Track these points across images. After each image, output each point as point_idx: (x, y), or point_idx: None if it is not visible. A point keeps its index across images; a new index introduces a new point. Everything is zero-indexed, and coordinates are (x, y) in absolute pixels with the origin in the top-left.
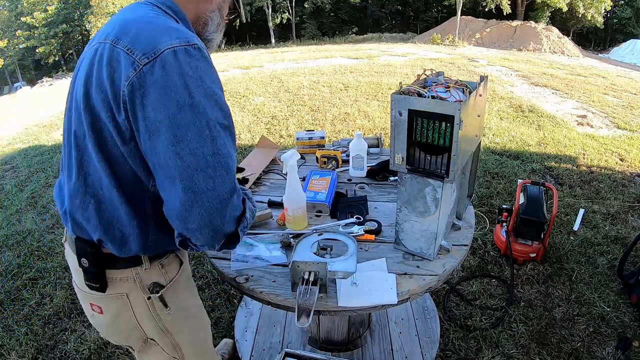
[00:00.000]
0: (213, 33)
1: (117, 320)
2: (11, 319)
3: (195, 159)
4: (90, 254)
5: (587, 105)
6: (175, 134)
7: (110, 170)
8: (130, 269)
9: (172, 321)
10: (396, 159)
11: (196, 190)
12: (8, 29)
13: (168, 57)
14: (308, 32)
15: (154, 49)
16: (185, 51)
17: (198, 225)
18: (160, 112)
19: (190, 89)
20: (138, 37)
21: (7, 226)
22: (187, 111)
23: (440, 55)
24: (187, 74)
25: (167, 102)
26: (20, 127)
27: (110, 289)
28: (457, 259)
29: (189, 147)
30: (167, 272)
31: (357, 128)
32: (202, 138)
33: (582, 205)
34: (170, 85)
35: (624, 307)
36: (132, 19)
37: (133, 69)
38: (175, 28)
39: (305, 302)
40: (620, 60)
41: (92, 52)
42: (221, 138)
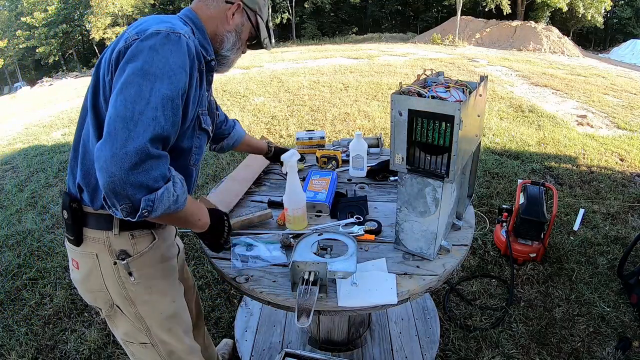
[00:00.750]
0: (228, 51)
1: (88, 278)
2: (11, 319)
3: (124, 111)
4: (70, 208)
5: (587, 105)
6: (122, 87)
7: (96, 122)
8: (102, 232)
9: (135, 292)
10: (396, 159)
11: (113, 135)
12: (8, 29)
13: (150, 35)
14: (308, 32)
15: (144, 31)
16: (166, 35)
17: (102, 164)
18: (123, 70)
19: (153, 61)
20: (139, 26)
21: (7, 226)
22: (139, 74)
23: (440, 55)
24: (156, 50)
25: (131, 64)
26: (20, 127)
27: (84, 247)
28: (457, 259)
29: (125, 100)
30: (136, 244)
31: (357, 128)
32: (139, 97)
33: (582, 205)
34: (139, 54)
35: (624, 307)
36: (147, 18)
37: (124, 41)
38: (170, 21)
39: (305, 302)
40: (620, 60)
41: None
42: (155, 104)
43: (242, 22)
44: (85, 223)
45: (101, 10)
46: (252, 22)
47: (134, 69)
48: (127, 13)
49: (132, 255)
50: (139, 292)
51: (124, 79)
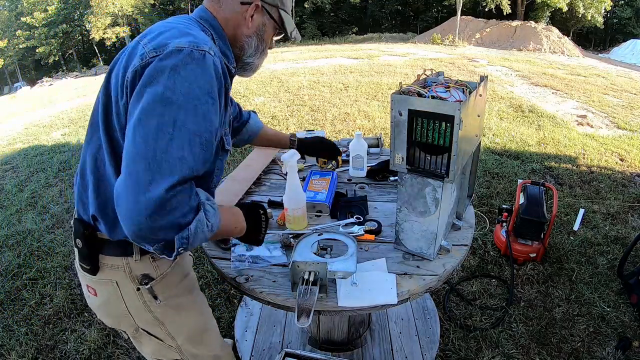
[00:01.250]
0: (251, 57)
1: (108, 305)
2: (11, 319)
3: (146, 148)
4: (85, 236)
5: (587, 105)
6: (141, 117)
7: (111, 150)
8: (121, 258)
9: (163, 313)
10: (396, 159)
11: (134, 177)
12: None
13: (171, 53)
14: (308, 32)
15: (163, 46)
16: (189, 53)
17: (125, 213)
18: (140, 96)
19: (175, 85)
20: (157, 37)
21: (7, 226)
22: (160, 102)
23: (440, 55)
24: (178, 72)
25: (150, 88)
26: (20, 127)
27: (101, 274)
28: (457, 259)
29: (145, 133)
30: (158, 266)
31: (357, 128)
32: (162, 132)
33: (582, 205)
34: (159, 75)
35: (624, 307)
36: (164, 24)
37: (140, 59)
38: (192, 34)
39: (305, 302)
40: (620, 60)
41: (126, 47)
42: (181, 140)
43: (263, 21)
44: (102, 250)
45: (101, 10)
46: (274, 18)
47: (154, 95)
48: (127, 13)
49: (155, 278)
50: (167, 312)
51: (143, 108)
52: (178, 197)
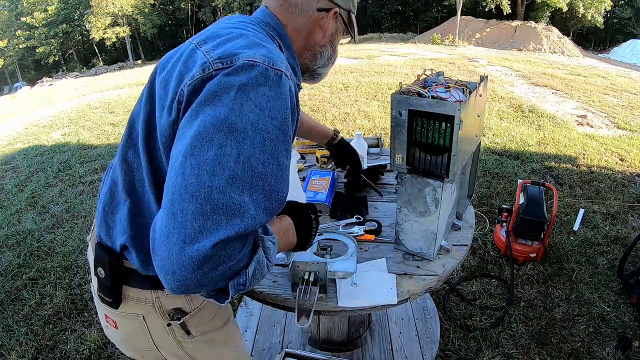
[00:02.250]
0: (322, 68)
1: (131, 339)
2: (11, 319)
3: (198, 185)
4: (109, 264)
5: (587, 105)
6: (195, 144)
7: (152, 171)
8: (150, 291)
9: (195, 348)
10: (396, 159)
11: (179, 221)
12: (8, 29)
13: (241, 68)
14: None
15: (231, 56)
16: (264, 71)
17: (163, 262)
18: (196, 117)
19: (242, 109)
20: (223, 44)
21: (7, 226)
22: (222, 129)
23: (440, 55)
24: (248, 94)
25: (209, 109)
26: (20, 127)
27: (125, 307)
28: (457, 259)
29: (198, 165)
30: (192, 299)
31: (357, 128)
32: (220, 167)
33: (582, 205)
34: (223, 95)
35: (624, 307)
36: (228, 28)
37: (202, 70)
38: (266, 47)
39: (305, 302)
40: (620, 60)
41: (176, 49)
42: (243, 182)
43: (337, 27)
44: (127, 281)
45: (101, 10)
46: (345, 23)
47: (214, 118)
48: (127, 13)
49: (188, 313)
50: (199, 347)
51: (199, 132)
52: (232, 246)
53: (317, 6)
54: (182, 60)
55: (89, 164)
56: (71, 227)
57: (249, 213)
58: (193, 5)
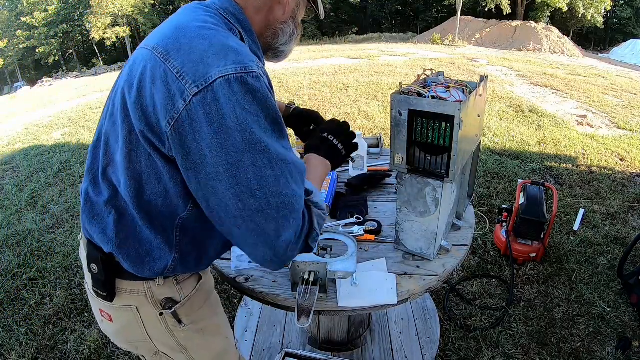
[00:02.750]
0: (285, 45)
1: (126, 331)
2: (11, 319)
3: (257, 201)
4: (102, 260)
5: (587, 105)
6: (234, 175)
7: (136, 188)
8: (142, 282)
9: (186, 337)
10: (396, 159)
11: (259, 232)
12: (8, 29)
13: (221, 88)
14: (308, 32)
15: (205, 76)
16: (242, 80)
17: (264, 260)
18: (217, 153)
19: (249, 125)
20: (189, 56)
21: (7, 226)
22: (246, 151)
23: (440, 55)
24: (245, 108)
25: (224, 141)
26: (20, 127)
27: (119, 300)
28: (457, 259)
29: (249, 190)
30: (182, 289)
31: (357, 128)
32: (264, 179)
33: (582, 205)
34: (228, 122)
35: (624, 307)
36: (188, 26)
37: (182, 100)
38: (233, 49)
39: (305, 302)
40: (620, 60)
41: (139, 58)
42: (284, 176)
43: (298, 2)
44: (120, 275)
45: (101, 10)
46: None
47: (233, 146)
48: (127, 13)
49: (179, 302)
50: (190, 337)
51: (229, 164)
52: (302, 224)
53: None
54: (148, 78)
55: None
56: (71, 227)
57: (298, 194)
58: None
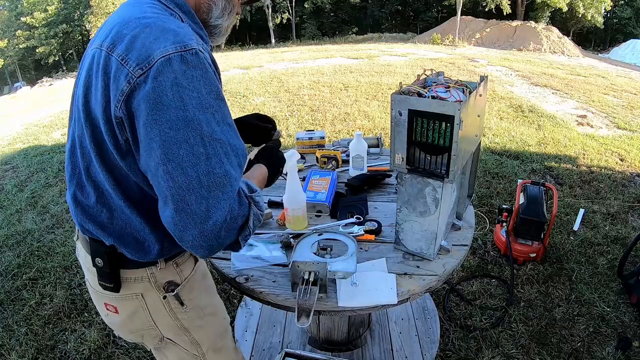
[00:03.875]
0: (218, 19)
1: (132, 320)
2: (11, 319)
3: (187, 179)
4: (106, 254)
5: (587, 105)
6: (166, 151)
7: (115, 182)
8: (144, 269)
9: (189, 319)
10: (396, 159)
11: (188, 212)
12: (8, 29)
13: (162, 67)
14: (308, 32)
15: (147, 58)
16: (181, 58)
17: (192, 244)
18: (152, 129)
19: (185, 102)
20: (132, 44)
21: (7, 226)
22: (180, 127)
23: (440, 55)
24: (182, 85)
25: (159, 117)
26: (20, 127)
27: (125, 289)
28: (457, 259)
29: (180, 166)
30: (182, 271)
31: (357, 128)
32: (196, 156)
33: (582, 205)
34: (163, 99)
35: (624, 307)
36: (129, 19)
37: (127, 82)
38: (172, 30)
39: (305, 302)
40: (620, 60)
41: (90, 58)
42: (217, 155)
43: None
44: (124, 265)
45: (101, 10)
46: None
47: (168, 122)
48: None
49: (180, 284)
50: (192, 318)
51: (163, 141)
52: (234, 210)
53: None
54: (100, 72)
55: None
56: (71, 227)
57: (232, 176)
58: None
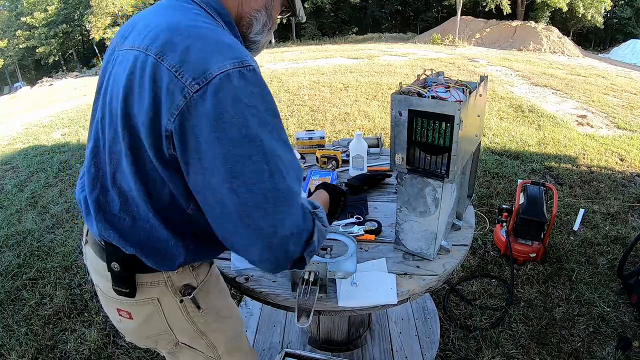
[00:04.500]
0: (258, 34)
1: (147, 325)
2: (11, 319)
3: (253, 196)
4: (122, 258)
5: (587, 105)
6: (230, 169)
7: (146, 192)
8: (161, 273)
9: (205, 323)
10: (396, 159)
11: (254, 228)
12: (8, 29)
13: (221, 83)
14: (308, 32)
15: (204, 73)
16: (240, 74)
17: (259, 259)
18: (215, 147)
19: (246, 119)
20: (186, 56)
21: (7, 226)
22: (243, 145)
23: (440, 55)
24: (242, 102)
25: (221, 135)
26: (20, 127)
27: (140, 294)
28: (457, 259)
29: (245, 184)
30: (198, 274)
31: (357, 128)
32: (260, 173)
33: (582, 205)
34: (225, 116)
35: (624, 307)
36: (179, 25)
37: (183, 97)
38: (228, 45)
39: (305, 302)
40: (620, 60)
41: (131, 61)
42: (279, 171)
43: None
44: (141, 269)
45: (101, 10)
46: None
47: (231, 141)
48: (127, 13)
49: (196, 287)
50: (208, 321)
51: (227, 158)
52: (299, 225)
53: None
54: (148, 80)
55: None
56: (71, 227)
57: (295, 191)
58: None
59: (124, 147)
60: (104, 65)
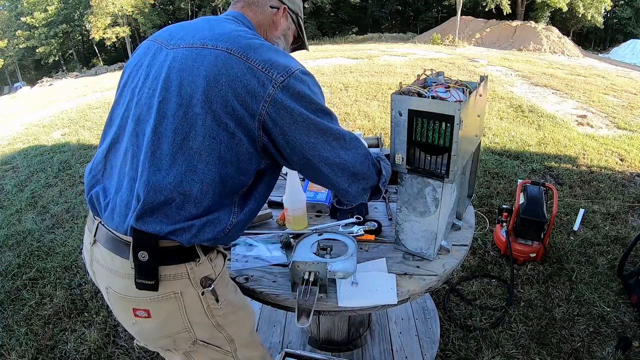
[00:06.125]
0: None
1: (166, 323)
2: (11, 319)
3: (354, 158)
4: (151, 246)
5: (587, 105)
6: (333, 141)
7: (216, 171)
8: (184, 265)
9: (223, 315)
10: (396, 159)
11: (362, 175)
12: (8, 29)
13: (299, 76)
14: (308, 32)
15: (287, 68)
16: (306, 72)
17: (356, 191)
18: (314, 126)
19: (322, 107)
20: (269, 56)
21: (7, 226)
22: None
23: (440, 55)
24: (316, 91)
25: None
26: (20, 127)
27: (163, 288)
28: (457, 259)
29: (347, 149)
30: (215, 266)
31: (357, 128)
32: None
33: (582, 205)
34: (310, 99)
35: (624, 307)
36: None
37: (272, 87)
38: (282, 51)
39: (305, 302)
40: (620, 60)
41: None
42: (352, 139)
43: (288, 25)
44: (164, 261)
45: (101, 10)
46: (295, 23)
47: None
48: (127, 13)
49: (215, 279)
50: (226, 314)
51: (326, 134)
52: (378, 167)
53: (269, 4)
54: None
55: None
56: (71, 227)
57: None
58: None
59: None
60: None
